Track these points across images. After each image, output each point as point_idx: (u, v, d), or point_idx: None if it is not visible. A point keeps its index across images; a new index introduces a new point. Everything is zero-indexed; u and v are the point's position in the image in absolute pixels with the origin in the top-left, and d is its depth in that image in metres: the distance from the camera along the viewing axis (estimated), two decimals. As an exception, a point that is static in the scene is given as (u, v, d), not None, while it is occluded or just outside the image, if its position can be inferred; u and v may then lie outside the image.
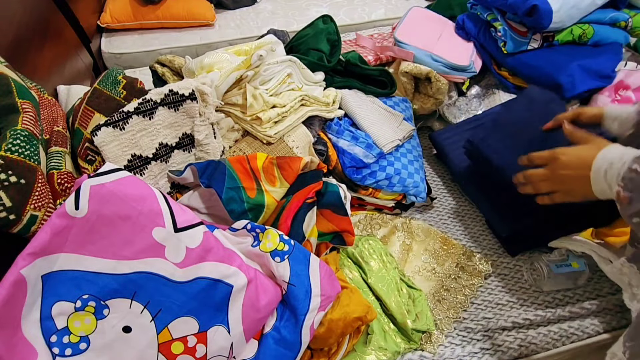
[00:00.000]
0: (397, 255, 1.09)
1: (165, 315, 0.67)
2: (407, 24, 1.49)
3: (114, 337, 0.65)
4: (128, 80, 1.01)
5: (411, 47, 1.39)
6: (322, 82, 1.24)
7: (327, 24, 1.36)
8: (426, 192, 1.16)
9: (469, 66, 1.40)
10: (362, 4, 2.22)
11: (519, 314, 0.99)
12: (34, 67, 1.14)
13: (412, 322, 0.91)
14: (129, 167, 0.92)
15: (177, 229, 0.69)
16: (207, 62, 1.12)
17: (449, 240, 1.13)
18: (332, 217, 0.96)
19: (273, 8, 2.19)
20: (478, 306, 1.01)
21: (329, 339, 0.78)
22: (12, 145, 0.71)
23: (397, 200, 1.17)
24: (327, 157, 1.10)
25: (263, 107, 1.05)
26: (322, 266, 0.80)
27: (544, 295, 1.03)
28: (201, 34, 1.98)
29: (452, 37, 1.52)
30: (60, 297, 0.64)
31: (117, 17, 1.90)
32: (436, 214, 1.22)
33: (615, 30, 1.38)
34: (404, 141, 1.18)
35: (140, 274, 0.67)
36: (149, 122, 0.95)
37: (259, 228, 0.83)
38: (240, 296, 0.72)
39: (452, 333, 0.96)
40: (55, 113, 0.95)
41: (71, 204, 0.65)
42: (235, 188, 0.89)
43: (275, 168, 0.95)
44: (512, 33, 1.36)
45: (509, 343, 0.95)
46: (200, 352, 0.68)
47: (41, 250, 0.63)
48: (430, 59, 1.37)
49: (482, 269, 1.07)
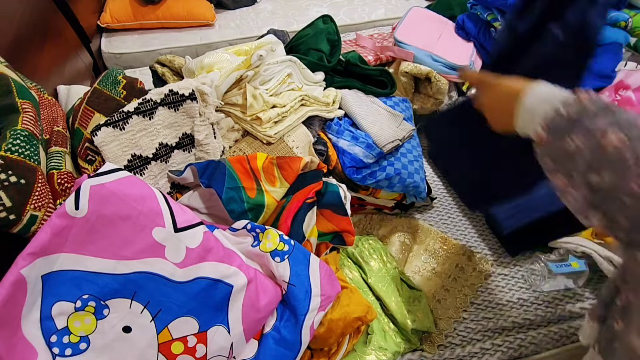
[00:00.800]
0: (397, 255, 1.09)
1: (165, 315, 0.67)
2: (407, 24, 1.49)
3: (114, 337, 0.65)
4: (128, 80, 1.01)
5: (411, 47, 1.39)
6: (322, 82, 1.24)
7: (327, 24, 1.36)
8: (426, 192, 1.16)
9: (469, 66, 1.40)
10: (362, 4, 2.22)
11: (519, 314, 0.99)
12: (34, 67, 1.14)
13: (412, 322, 0.91)
14: (129, 167, 0.92)
15: (177, 229, 0.69)
16: (207, 62, 1.12)
17: (449, 240, 1.13)
18: (332, 217, 0.96)
19: (273, 8, 2.19)
20: (478, 306, 1.01)
21: (329, 339, 0.78)
22: (12, 145, 0.71)
23: (397, 200, 1.17)
24: (327, 157, 1.10)
25: (263, 107, 1.05)
26: (322, 266, 0.80)
27: (544, 295, 1.03)
28: (201, 34, 1.98)
29: (452, 37, 1.52)
30: (60, 297, 0.64)
31: (117, 17, 1.90)
32: (436, 214, 1.22)
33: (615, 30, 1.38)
34: (404, 141, 1.18)
35: (140, 274, 0.67)
36: (149, 122, 0.95)
37: (259, 228, 0.83)
38: (240, 296, 0.72)
39: (452, 333, 0.96)
40: (55, 113, 0.95)
41: (71, 204, 0.65)
42: (235, 188, 0.89)
43: (275, 168, 0.95)
44: (512, 33, 1.35)
45: (509, 343, 0.95)
46: (200, 352, 0.68)
47: (41, 250, 0.63)
48: (430, 59, 1.37)
49: (482, 269, 1.07)
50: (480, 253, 1.11)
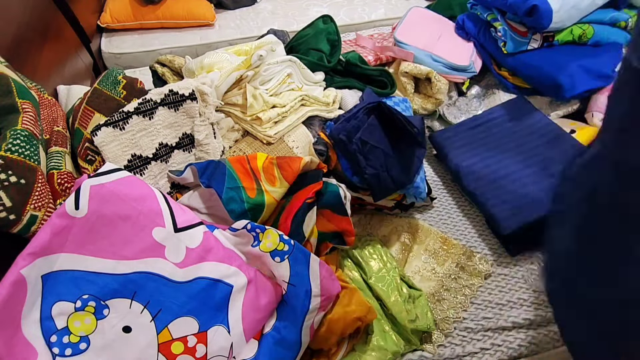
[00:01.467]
0: (397, 255, 1.09)
1: (165, 315, 0.67)
2: (407, 24, 1.49)
3: (114, 337, 0.65)
4: (128, 80, 1.01)
5: (411, 47, 1.39)
6: (322, 82, 1.24)
7: (327, 24, 1.36)
8: (426, 192, 1.16)
9: (469, 66, 1.40)
10: (362, 4, 2.22)
11: (519, 314, 0.99)
12: (34, 67, 1.14)
13: (412, 322, 0.91)
14: (129, 167, 0.92)
15: (177, 229, 0.69)
16: (207, 62, 1.12)
17: (449, 240, 1.13)
18: (332, 217, 0.96)
19: (273, 8, 2.19)
20: (478, 306, 1.01)
21: (329, 339, 0.78)
22: (12, 145, 0.71)
23: (397, 200, 1.17)
24: (327, 157, 1.10)
25: (263, 107, 1.05)
26: (322, 266, 0.80)
27: (544, 295, 1.03)
28: (201, 34, 1.98)
29: (452, 37, 1.52)
30: (60, 297, 0.64)
31: (117, 17, 1.90)
32: (436, 214, 1.22)
33: (616, 30, 1.38)
34: (404, 141, 1.18)
35: (140, 274, 0.67)
36: (149, 122, 0.95)
37: (259, 228, 0.83)
38: (240, 296, 0.72)
39: (452, 333, 0.96)
40: (55, 113, 0.95)
41: (71, 204, 0.65)
42: (235, 188, 0.89)
43: (275, 168, 0.95)
44: (512, 33, 1.36)
45: (509, 343, 0.95)
46: (200, 352, 0.68)
47: (41, 250, 0.63)
48: (430, 59, 1.37)
49: (482, 269, 1.07)
50: (480, 253, 1.11)
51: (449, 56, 1.38)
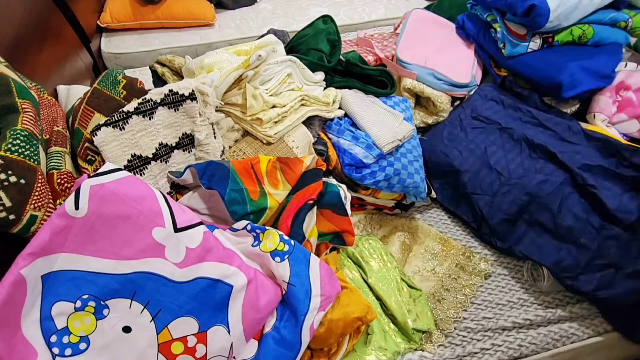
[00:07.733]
0: (397, 255, 1.09)
1: (165, 315, 0.67)
2: (407, 37, 1.47)
3: (113, 337, 0.65)
4: (128, 80, 1.01)
5: (414, 67, 1.39)
6: (322, 82, 1.24)
7: (327, 24, 1.36)
8: (426, 192, 1.16)
9: (471, 82, 1.41)
10: (362, 4, 2.22)
11: (519, 314, 0.99)
12: (34, 67, 1.14)
13: (413, 322, 0.91)
14: (129, 167, 0.92)
15: (177, 229, 0.69)
16: (207, 62, 1.12)
17: (449, 240, 1.13)
18: (332, 217, 0.96)
19: (273, 8, 2.19)
20: (478, 306, 1.01)
21: (329, 339, 0.78)
22: (12, 145, 0.70)
23: (397, 200, 1.17)
24: (327, 157, 1.10)
25: (263, 107, 1.05)
26: (322, 266, 0.80)
27: (544, 295, 1.03)
28: (201, 34, 1.98)
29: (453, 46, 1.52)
30: (60, 297, 0.64)
31: (117, 17, 1.90)
32: (436, 214, 1.22)
33: (615, 30, 1.38)
34: (404, 141, 1.18)
35: (140, 274, 0.67)
36: (149, 122, 0.95)
37: (259, 228, 0.83)
38: (240, 296, 0.72)
39: (452, 333, 0.96)
40: (55, 113, 0.95)
41: (71, 204, 0.65)
42: (239, 190, 0.89)
43: (279, 172, 0.95)
44: (510, 37, 1.35)
45: (509, 343, 0.95)
46: (200, 352, 0.68)
47: (41, 250, 0.63)
48: (433, 77, 1.38)
49: (482, 269, 1.07)
50: (480, 253, 1.11)
51: (451, 73, 1.39)
